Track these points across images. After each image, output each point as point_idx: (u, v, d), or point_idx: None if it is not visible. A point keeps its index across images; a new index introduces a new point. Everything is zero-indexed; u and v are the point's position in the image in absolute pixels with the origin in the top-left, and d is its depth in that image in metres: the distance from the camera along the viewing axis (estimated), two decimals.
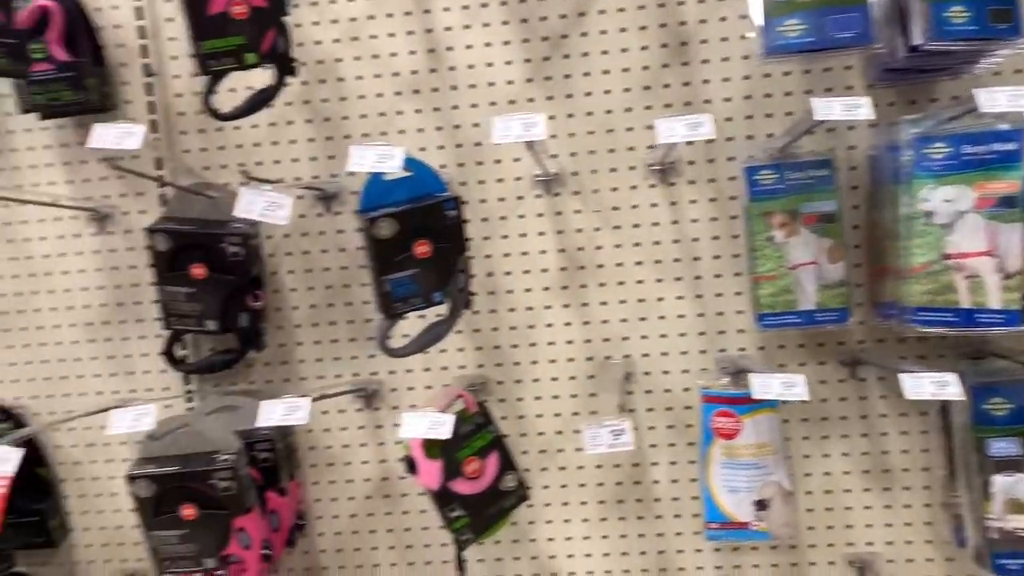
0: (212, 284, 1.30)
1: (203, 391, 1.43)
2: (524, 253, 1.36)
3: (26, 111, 1.34)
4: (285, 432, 1.37)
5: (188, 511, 1.21)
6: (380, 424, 1.42)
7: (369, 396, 1.41)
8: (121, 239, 1.42)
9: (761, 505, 1.28)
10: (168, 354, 1.37)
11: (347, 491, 1.44)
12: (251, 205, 1.05)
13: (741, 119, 1.30)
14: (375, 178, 1.15)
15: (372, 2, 1.33)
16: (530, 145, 1.06)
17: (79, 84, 1.30)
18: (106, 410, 1.35)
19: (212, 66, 1.15)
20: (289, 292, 1.41)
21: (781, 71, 1.29)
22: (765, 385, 1.07)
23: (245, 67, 1.17)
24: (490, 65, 1.33)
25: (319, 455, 1.44)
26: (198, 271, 1.30)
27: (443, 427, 1.09)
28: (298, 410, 1.11)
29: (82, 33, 1.32)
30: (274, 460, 1.35)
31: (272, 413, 1.11)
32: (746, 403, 1.27)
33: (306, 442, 1.44)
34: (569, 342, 1.37)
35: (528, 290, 1.37)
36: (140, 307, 1.43)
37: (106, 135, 1.06)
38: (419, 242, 1.16)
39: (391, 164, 1.03)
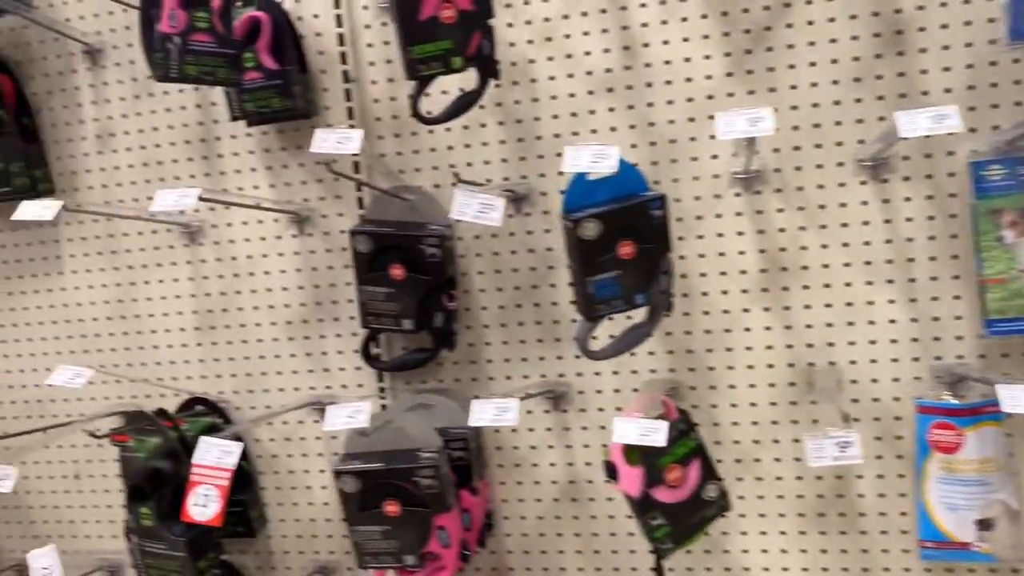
0: (410, 284, 1.33)
1: (395, 389, 1.45)
2: (721, 254, 1.31)
3: (235, 118, 1.40)
4: (476, 431, 1.38)
5: (391, 507, 1.24)
6: (568, 427, 1.41)
7: (557, 398, 1.40)
8: (320, 240, 1.47)
9: (985, 524, 1.19)
10: (365, 352, 1.41)
11: (534, 493, 1.44)
12: (465, 207, 1.05)
13: (963, 111, 1.21)
14: (579, 178, 1.14)
15: (567, 1, 1.32)
16: (751, 142, 1.02)
17: (287, 91, 1.35)
18: (314, 405, 1.41)
19: (421, 71, 1.16)
20: (479, 293, 1.42)
21: (1010, 58, 1.19)
22: (1015, 397, 0.99)
23: (452, 71, 1.18)
24: (687, 60, 1.30)
25: (506, 456, 1.44)
26: (397, 272, 1.32)
27: (656, 434, 1.07)
28: (508, 411, 1.11)
29: (288, 42, 1.37)
30: (467, 459, 1.36)
31: (483, 413, 1.11)
32: (968, 415, 1.19)
33: (493, 442, 1.44)
34: (769, 347, 1.31)
35: (725, 292, 1.32)
36: (336, 306, 1.47)
37: (326, 140, 1.09)
38: (623, 243, 1.14)
39: (607, 164, 1.02)
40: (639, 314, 1.19)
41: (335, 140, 1.08)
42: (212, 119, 1.48)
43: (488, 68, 1.21)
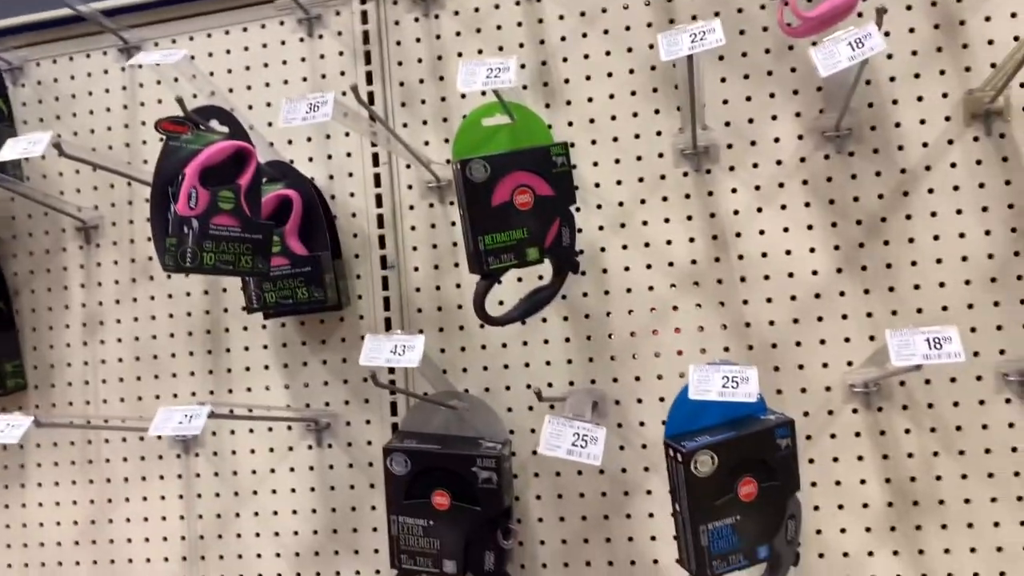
0: (456, 517, 1.08)
1: None
2: (837, 482, 1.09)
3: (251, 311, 1.19)
4: None
5: (440, 499, 1.07)
6: None
7: None
8: (342, 454, 1.22)
9: None
10: None
11: None
12: (557, 440, 0.82)
13: None
14: (684, 395, 0.93)
15: (644, 186, 1.15)
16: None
17: (316, 280, 1.15)
18: None
19: (492, 264, 0.97)
20: (536, 523, 1.17)
21: None
22: None
23: (526, 263, 0.99)
24: (788, 253, 1.12)
25: None
26: (440, 500, 1.08)
27: None
28: None
29: (319, 223, 1.18)
30: None
31: None
32: None
33: None
34: None
35: (843, 531, 1.08)
36: (357, 537, 1.21)
37: (379, 349, 0.87)
38: (744, 481, 0.91)
39: (745, 390, 0.80)
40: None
41: (388, 351, 0.86)
42: (221, 307, 1.27)
43: (567, 261, 1.02)
